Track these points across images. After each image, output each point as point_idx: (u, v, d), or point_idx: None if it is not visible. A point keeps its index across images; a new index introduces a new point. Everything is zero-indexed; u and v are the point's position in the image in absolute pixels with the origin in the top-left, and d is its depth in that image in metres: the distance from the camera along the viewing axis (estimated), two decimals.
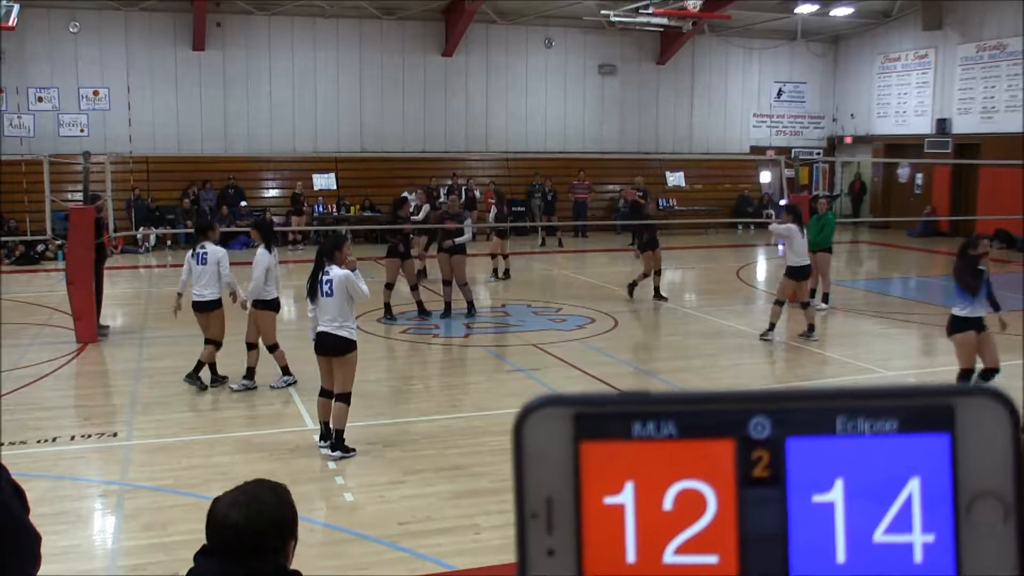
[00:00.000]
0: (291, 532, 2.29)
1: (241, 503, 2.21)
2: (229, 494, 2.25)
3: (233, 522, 2.16)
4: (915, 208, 26.06)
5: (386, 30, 25.20)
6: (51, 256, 20.08)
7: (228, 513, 2.19)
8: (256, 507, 2.21)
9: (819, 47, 29.44)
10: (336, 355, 7.55)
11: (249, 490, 2.28)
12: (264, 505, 2.24)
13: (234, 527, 2.15)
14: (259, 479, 2.38)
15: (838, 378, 10.68)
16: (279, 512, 2.26)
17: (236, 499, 2.23)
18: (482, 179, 25.23)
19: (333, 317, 7.50)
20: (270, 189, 24.71)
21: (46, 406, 9.08)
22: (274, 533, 2.21)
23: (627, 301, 15.24)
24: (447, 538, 5.99)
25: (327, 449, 7.56)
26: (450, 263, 13.32)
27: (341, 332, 7.50)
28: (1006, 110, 23.89)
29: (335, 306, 7.50)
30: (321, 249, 7.82)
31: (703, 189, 27.29)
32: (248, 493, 2.26)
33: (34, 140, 22.20)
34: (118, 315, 13.98)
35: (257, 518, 2.19)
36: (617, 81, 27.60)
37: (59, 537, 5.94)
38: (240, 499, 2.23)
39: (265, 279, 9.23)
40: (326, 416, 7.69)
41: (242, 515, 2.18)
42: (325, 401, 7.69)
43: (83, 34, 22.86)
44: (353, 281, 7.57)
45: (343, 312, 7.52)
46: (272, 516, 2.22)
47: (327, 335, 7.54)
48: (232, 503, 2.21)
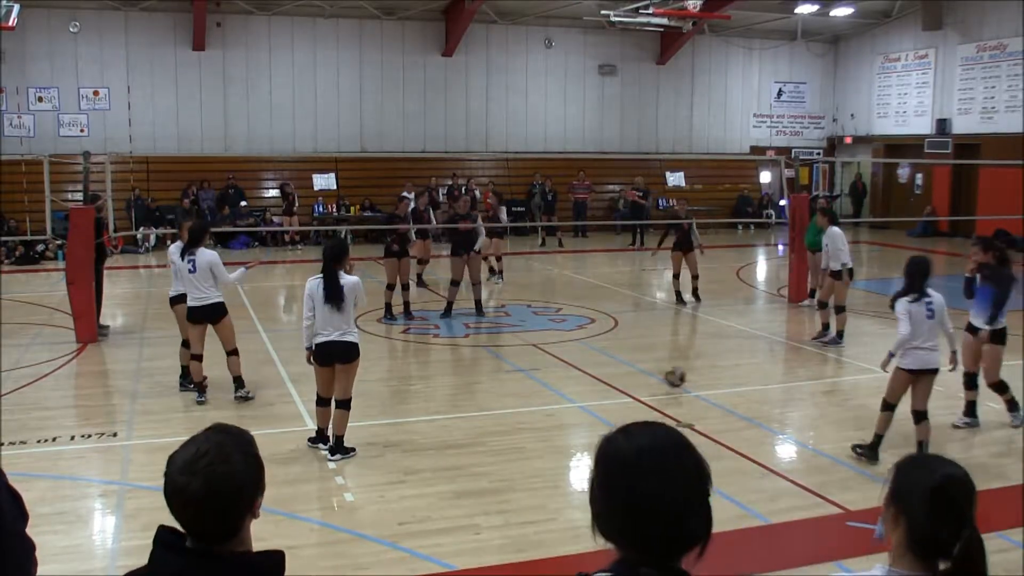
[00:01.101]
0: (259, 486, 2.05)
1: (202, 467, 1.95)
2: (185, 451, 1.99)
3: (195, 490, 1.94)
4: (915, 208, 26.07)
5: (386, 30, 25.20)
6: (51, 256, 20.10)
7: (189, 481, 1.94)
8: (222, 468, 1.96)
9: (819, 47, 29.45)
10: (344, 363, 7.47)
11: (210, 447, 1.99)
12: (229, 464, 1.98)
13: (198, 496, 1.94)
14: (215, 426, 2.08)
15: (838, 378, 10.69)
16: (244, 467, 2.01)
17: (196, 461, 1.96)
18: (482, 179, 25.25)
19: (338, 326, 7.38)
20: (270, 189, 24.71)
21: (46, 406, 9.08)
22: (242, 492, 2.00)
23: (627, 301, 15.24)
24: (447, 538, 5.99)
25: (327, 452, 7.55)
26: (466, 264, 13.48)
27: (347, 339, 7.41)
28: (1006, 110, 23.90)
29: (344, 314, 7.40)
30: (329, 255, 7.48)
31: (703, 189, 27.29)
32: (208, 453, 1.97)
33: (34, 140, 22.21)
34: (118, 315, 13.99)
35: (224, 480, 1.95)
36: (617, 81, 27.60)
37: (59, 537, 5.94)
38: (201, 462, 1.96)
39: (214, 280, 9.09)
40: (325, 423, 7.66)
41: (204, 480, 1.94)
42: (324, 409, 7.65)
43: (83, 34, 22.86)
44: (362, 290, 7.53)
45: (348, 320, 7.44)
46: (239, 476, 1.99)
47: (334, 344, 7.39)
48: (191, 466, 1.96)
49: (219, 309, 9.05)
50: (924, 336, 7.28)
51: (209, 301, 8.98)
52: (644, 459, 1.81)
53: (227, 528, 2.02)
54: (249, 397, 9.14)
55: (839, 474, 7.29)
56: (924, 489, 2.16)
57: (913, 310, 7.26)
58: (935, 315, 7.31)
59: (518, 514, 6.37)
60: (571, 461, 7.81)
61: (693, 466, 1.84)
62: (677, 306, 14.82)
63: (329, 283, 7.37)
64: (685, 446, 1.87)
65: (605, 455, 1.87)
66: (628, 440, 1.85)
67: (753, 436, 8.20)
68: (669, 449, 1.84)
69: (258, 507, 2.08)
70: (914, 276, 7.35)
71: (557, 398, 9.32)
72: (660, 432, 1.88)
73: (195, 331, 9.10)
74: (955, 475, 2.19)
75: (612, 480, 1.83)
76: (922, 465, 2.25)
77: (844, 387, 10.23)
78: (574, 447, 8.12)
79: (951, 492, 2.15)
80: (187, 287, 9.04)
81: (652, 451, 1.83)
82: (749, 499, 6.68)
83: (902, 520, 2.18)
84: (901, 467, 2.28)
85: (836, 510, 6.55)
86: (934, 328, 7.35)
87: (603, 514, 1.84)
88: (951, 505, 2.14)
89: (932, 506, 2.13)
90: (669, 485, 1.80)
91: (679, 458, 1.84)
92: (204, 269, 8.91)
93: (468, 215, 13.91)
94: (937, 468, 2.22)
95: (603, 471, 1.86)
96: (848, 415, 8.94)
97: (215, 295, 9.00)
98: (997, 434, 8.32)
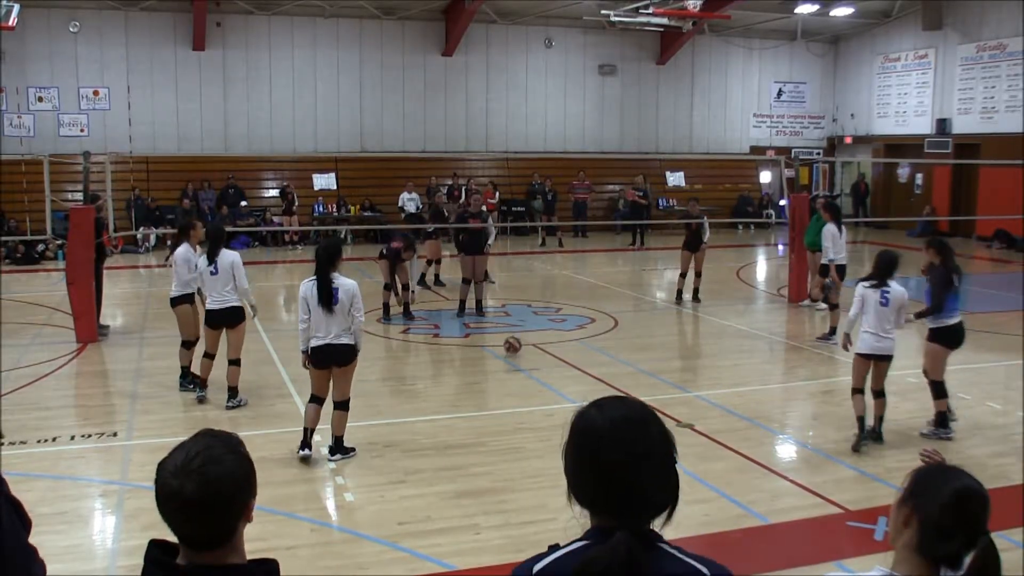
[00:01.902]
0: (251, 490, 2.03)
1: (194, 469, 1.94)
2: (176, 456, 1.98)
3: (189, 494, 1.92)
4: (915, 208, 26.07)
5: (386, 30, 25.20)
6: (51, 256, 20.10)
7: (183, 484, 1.93)
8: (214, 470, 1.95)
9: (819, 47, 29.45)
10: (341, 366, 7.41)
11: (200, 449, 1.98)
12: (221, 465, 1.96)
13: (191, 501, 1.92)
14: (204, 431, 2.07)
15: (838, 378, 10.69)
16: (237, 470, 1.98)
17: (188, 464, 1.95)
18: (482, 179, 25.26)
19: (333, 328, 7.28)
20: (270, 189, 24.71)
21: (46, 406, 9.08)
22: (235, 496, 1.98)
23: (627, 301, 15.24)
24: (447, 538, 5.99)
25: (326, 452, 7.54)
26: (473, 262, 13.54)
27: (343, 341, 7.31)
28: (1006, 110, 23.89)
29: (340, 317, 7.28)
30: (322, 257, 7.29)
31: (703, 189, 27.29)
32: (199, 454, 1.96)
33: (34, 140, 22.21)
34: (118, 315, 13.99)
35: (216, 482, 1.94)
36: (617, 81, 27.60)
37: (59, 537, 5.94)
38: (193, 464, 1.95)
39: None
40: (314, 423, 7.56)
41: (196, 484, 1.92)
42: (316, 408, 7.56)
43: (83, 34, 22.86)
44: (359, 295, 7.38)
45: (344, 322, 7.30)
46: (232, 478, 1.97)
47: (331, 347, 7.30)
48: (183, 470, 1.94)
49: (238, 314, 8.97)
50: (873, 322, 7.71)
51: (228, 304, 8.90)
52: (616, 430, 1.94)
53: (222, 532, 2.00)
54: (240, 405, 9.00)
55: (839, 474, 7.29)
56: (944, 493, 2.16)
57: (868, 295, 7.75)
58: (889, 304, 7.69)
59: (518, 514, 6.37)
60: None
61: (660, 436, 1.97)
62: (677, 305, 14.84)
63: (322, 286, 7.24)
64: (652, 417, 1.99)
65: (579, 428, 1.99)
66: (601, 413, 1.98)
67: (753, 436, 8.20)
68: (638, 420, 1.97)
69: (251, 510, 2.05)
70: (879, 267, 7.81)
71: (557, 398, 9.32)
72: (630, 404, 2.02)
73: (211, 334, 9.05)
74: (975, 486, 2.20)
75: (586, 451, 1.96)
76: (943, 472, 2.25)
77: (844, 387, 10.18)
78: None
79: (970, 499, 2.16)
80: (207, 289, 8.97)
81: (623, 422, 1.96)
82: (749, 499, 6.68)
83: (915, 521, 2.17)
84: (921, 472, 2.28)
85: (836, 510, 6.55)
86: (886, 315, 7.70)
87: (578, 484, 1.99)
88: (969, 512, 2.14)
89: (951, 510, 2.13)
90: (639, 454, 1.92)
91: (647, 428, 1.96)
92: (226, 270, 8.84)
93: (479, 214, 13.96)
94: (958, 476, 2.22)
95: (577, 443, 1.98)
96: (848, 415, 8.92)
97: (233, 299, 8.91)
98: (997, 434, 8.31)
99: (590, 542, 1.93)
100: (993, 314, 13.72)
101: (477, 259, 13.61)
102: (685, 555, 1.93)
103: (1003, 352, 11.54)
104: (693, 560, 1.92)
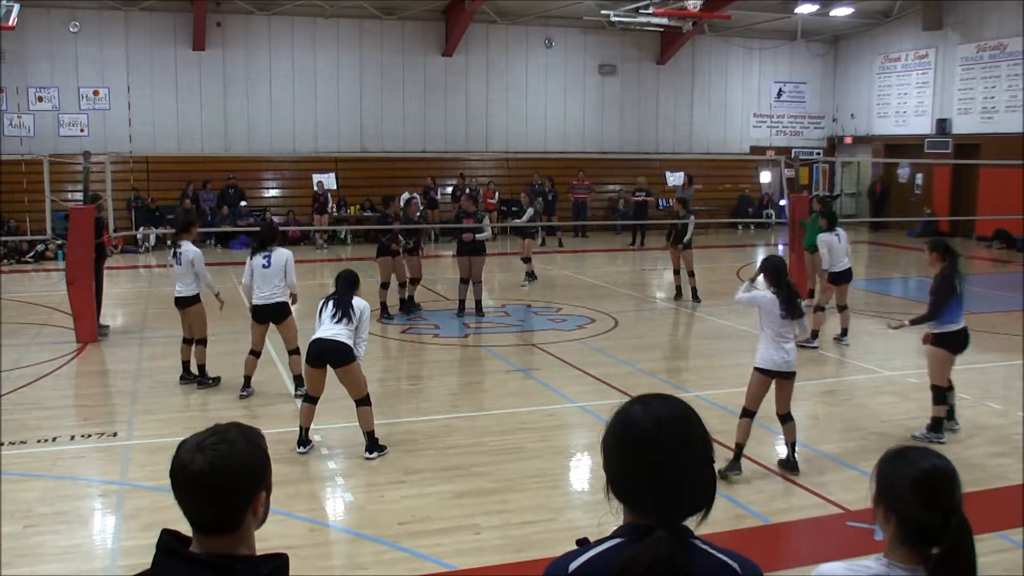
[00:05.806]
0: (262, 481, 2.08)
1: (207, 446, 2.01)
2: (195, 436, 2.07)
3: (199, 467, 1.98)
4: (915, 208, 26.06)
5: (386, 30, 25.20)
6: (51, 256, 20.09)
7: (194, 458, 2.00)
8: (225, 448, 2.02)
9: (819, 47, 29.44)
10: (338, 365, 7.42)
11: (218, 431, 2.07)
12: (233, 447, 2.03)
13: (199, 473, 1.98)
14: (231, 422, 2.15)
15: (838, 378, 10.69)
16: (249, 456, 2.05)
17: (202, 442, 2.03)
18: (482, 179, 25.26)
19: (333, 327, 7.40)
20: (270, 189, 24.71)
21: (46, 406, 9.08)
22: (243, 479, 2.02)
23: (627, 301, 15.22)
24: (447, 538, 5.99)
25: (365, 453, 7.51)
26: (469, 262, 13.54)
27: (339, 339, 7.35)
28: (1006, 110, 23.89)
29: (348, 331, 7.39)
30: (348, 279, 7.62)
31: (703, 189, 27.29)
32: (217, 434, 2.05)
33: (34, 140, 22.21)
34: (118, 315, 13.99)
35: (225, 460, 2.00)
36: (617, 81, 27.60)
37: (59, 537, 5.93)
38: (207, 441, 2.03)
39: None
40: (307, 422, 7.62)
41: (207, 459, 1.99)
42: (310, 407, 7.63)
43: (83, 34, 22.86)
44: (367, 317, 7.54)
45: (347, 329, 7.40)
46: (242, 460, 2.03)
47: (325, 342, 7.36)
48: (198, 446, 2.02)
49: (285, 309, 9.22)
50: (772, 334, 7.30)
51: (275, 300, 9.14)
52: (662, 429, 1.94)
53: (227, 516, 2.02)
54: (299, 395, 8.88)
55: (839, 474, 7.29)
56: (906, 483, 2.21)
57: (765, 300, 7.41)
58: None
59: (518, 514, 6.37)
60: (571, 461, 7.82)
61: (701, 436, 1.98)
62: (676, 303, 14.85)
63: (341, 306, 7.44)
64: (695, 416, 2.00)
65: (623, 424, 1.99)
66: (645, 410, 1.98)
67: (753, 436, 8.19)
68: (682, 420, 1.97)
69: (260, 504, 2.07)
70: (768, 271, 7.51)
71: (557, 398, 9.32)
72: (674, 403, 2.01)
73: (259, 329, 9.26)
74: (934, 465, 2.24)
75: (631, 448, 1.96)
76: (901, 459, 2.29)
77: (844, 387, 10.23)
78: (574, 447, 8.12)
79: (932, 482, 2.20)
80: (258, 285, 9.15)
81: (668, 421, 1.95)
82: (749, 499, 6.68)
83: (891, 517, 2.24)
84: (882, 465, 2.33)
85: (836, 510, 6.55)
86: (788, 327, 7.32)
87: (619, 480, 1.98)
88: (934, 494, 2.18)
89: (916, 498, 2.18)
90: (682, 453, 1.93)
91: (690, 428, 1.97)
92: (279, 266, 9.10)
93: (474, 214, 13.96)
94: (916, 460, 2.26)
95: (620, 439, 1.98)
96: (848, 415, 8.94)
97: (280, 294, 9.15)
98: (997, 434, 8.31)
99: (625, 540, 1.93)
100: (993, 314, 13.71)
101: (474, 259, 13.58)
102: (716, 550, 1.96)
103: (1003, 352, 11.54)
104: (724, 555, 1.96)
